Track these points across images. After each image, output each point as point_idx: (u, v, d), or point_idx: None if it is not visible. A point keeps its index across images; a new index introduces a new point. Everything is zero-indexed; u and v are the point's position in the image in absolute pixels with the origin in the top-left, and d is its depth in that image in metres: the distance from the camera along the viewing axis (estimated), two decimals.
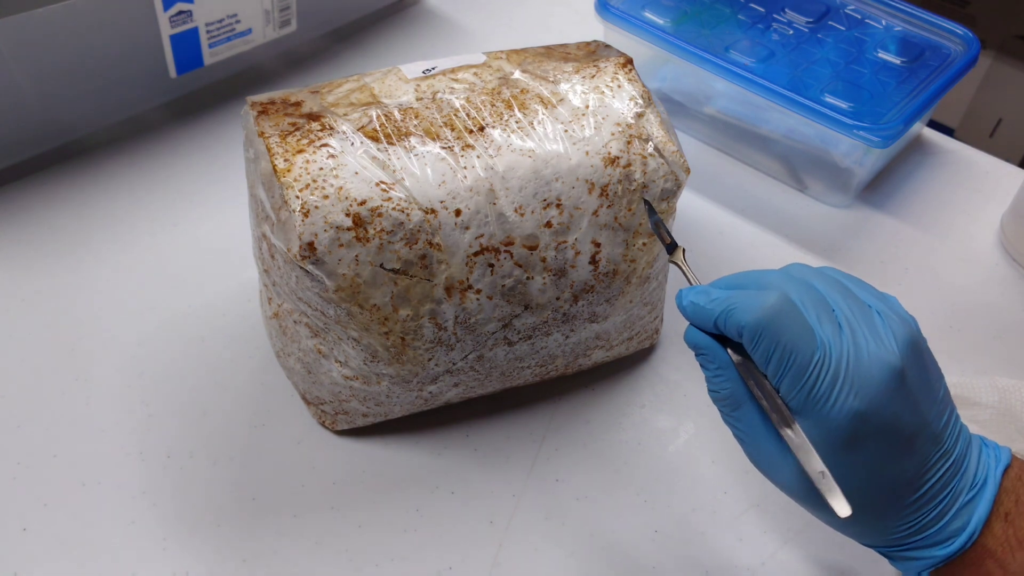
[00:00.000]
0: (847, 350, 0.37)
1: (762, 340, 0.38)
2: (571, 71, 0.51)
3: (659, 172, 0.49)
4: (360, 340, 0.47)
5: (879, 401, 0.37)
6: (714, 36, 0.72)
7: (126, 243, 0.63)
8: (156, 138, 0.71)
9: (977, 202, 0.73)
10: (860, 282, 0.41)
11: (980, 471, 0.39)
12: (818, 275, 0.40)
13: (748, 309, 0.38)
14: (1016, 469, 0.40)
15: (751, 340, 0.38)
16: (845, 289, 0.40)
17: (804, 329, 0.37)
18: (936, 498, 0.38)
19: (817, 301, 0.39)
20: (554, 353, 0.52)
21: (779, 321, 0.37)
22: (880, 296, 0.40)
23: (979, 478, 0.39)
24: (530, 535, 0.50)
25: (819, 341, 0.37)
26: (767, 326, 0.37)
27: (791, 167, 0.73)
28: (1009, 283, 0.67)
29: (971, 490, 0.39)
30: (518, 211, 0.46)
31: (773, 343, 0.37)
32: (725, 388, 0.40)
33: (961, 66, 0.70)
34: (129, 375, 0.55)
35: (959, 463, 0.39)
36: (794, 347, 0.37)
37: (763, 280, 0.40)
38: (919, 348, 0.38)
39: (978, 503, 0.38)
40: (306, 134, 0.46)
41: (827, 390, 0.37)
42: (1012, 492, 0.39)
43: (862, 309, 0.39)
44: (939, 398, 0.39)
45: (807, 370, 0.37)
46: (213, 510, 0.50)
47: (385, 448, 0.53)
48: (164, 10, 0.65)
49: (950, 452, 0.38)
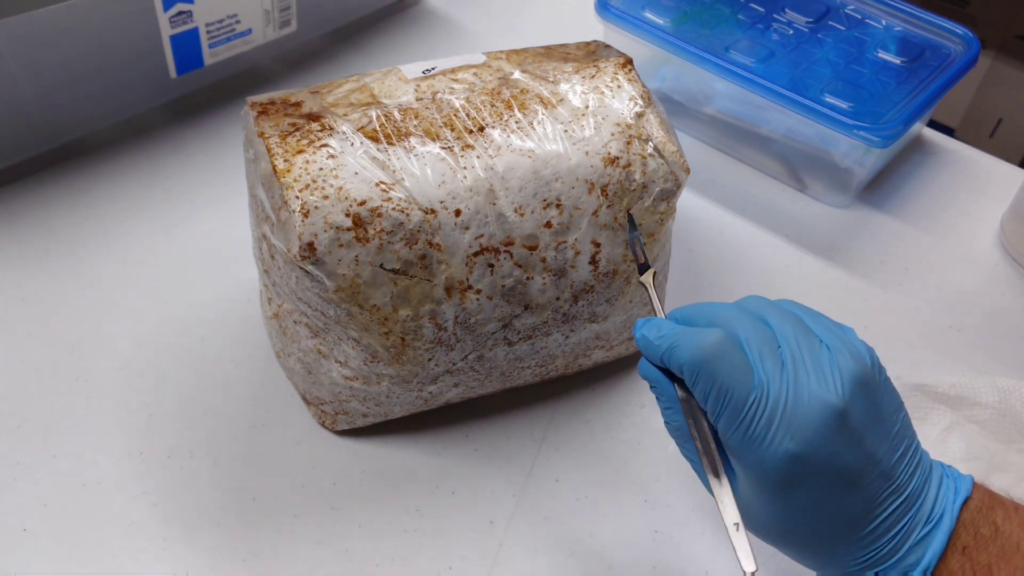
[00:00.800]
0: (786, 390, 0.37)
1: (700, 379, 0.38)
2: (571, 71, 0.51)
3: (659, 172, 0.49)
4: (360, 340, 0.47)
5: (817, 442, 0.36)
6: (714, 36, 0.72)
7: (126, 243, 0.63)
8: (156, 138, 0.71)
9: (977, 202, 0.73)
10: (817, 315, 0.40)
11: (938, 504, 0.38)
12: (773, 309, 0.40)
13: (688, 347, 0.38)
14: (977, 500, 0.39)
15: (690, 378, 0.38)
16: (798, 324, 0.39)
17: (741, 369, 0.37)
18: (888, 533, 0.38)
19: (764, 338, 0.38)
20: (554, 353, 0.52)
21: (716, 360, 0.37)
22: (836, 329, 0.39)
23: (936, 512, 0.38)
24: (530, 535, 0.50)
25: (757, 381, 0.37)
26: (704, 365, 0.38)
27: (791, 167, 0.73)
28: (1009, 283, 0.67)
29: (927, 524, 0.38)
30: (518, 211, 0.46)
31: (710, 382, 0.37)
32: (675, 421, 0.40)
33: (961, 66, 0.70)
34: (129, 375, 0.55)
35: (914, 497, 0.38)
36: (730, 387, 0.37)
37: (713, 315, 0.40)
38: (868, 384, 0.38)
39: (933, 538, 0.38)
40: (306, 134, 0.46)
41: (763, 431, 0.37)
42: (971, 525, 0.38)
43: (811, 345, 0.38)
44: (894, 432, 0.38)
45: (742, 410, 0.37)
46: (213, 510, 0.50)
47: (385, 448, 0.53)
48: (164, 10, 0.65)
49: (903, 487, 0.38)
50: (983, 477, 0.53)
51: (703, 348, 0.38)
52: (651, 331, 0.40)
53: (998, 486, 0.53)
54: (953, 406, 0.56)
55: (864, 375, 0.37)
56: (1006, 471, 0.53)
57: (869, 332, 0.62)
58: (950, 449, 0.54)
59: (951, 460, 0.53)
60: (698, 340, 0.38)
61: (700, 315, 0.40)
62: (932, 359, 0.61)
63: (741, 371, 0.37)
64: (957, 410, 0.56)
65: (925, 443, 0.54)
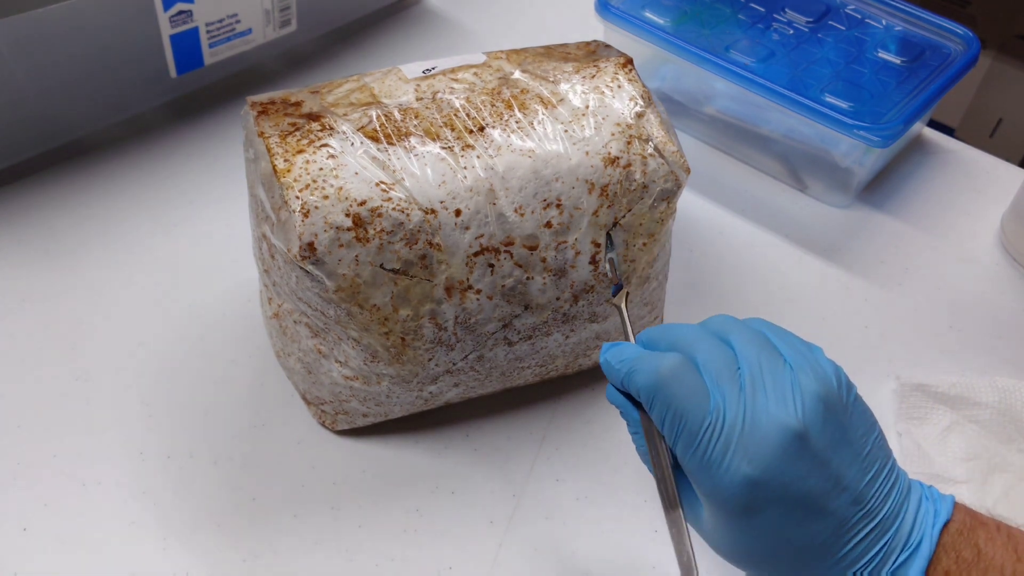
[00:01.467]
0: (743, 413, 0.36)
1: (656, 403, 0.38)
2: (571, 71, 0.51)
3: (659, 172, 0.49)
4: (360, 340, 0.47)
5: (776, 466, 0.35)
6: (714, 36, 0.72)
7: (126, 243, 0.63)
8: (156, 138, 0.71)
9: (977, 202, 0.73)
10: (785, 334, 0.40)
11: (917, 528, 0.37)
12: (738, 329, 0.39)
13: (644, 372, 0.38)
14: (958, 522, 0.37)
15: (647, 403, 0.38)
16: (763, 344, 0.38)
17: (696, 393, 0.37)
18: (863, 558, 0.36)
19: (723, 360, 0.38)
20: (554, 353, 0.52)
21: (671, 385, 0.37)
22: (802, 349, 0.39)
23: (915, 536, 0.37)
24: (530, 535, 0.50)
25: (712, 405, 0.36)
26: (660, 389, 0.37)
27: (791, 167, 0.73)
28: (1009, 283, 0.67)
29: (905, 549, 0.36)
30: (518, 211, 0.46)
31: (665, 407, 0.37)
32: (642, 446, 0.40)
33: (961, 66, 0.70)
34: (129, 375, 0.55)
35: (889, 521, 0.37)
36: (685, 411, 0.37)
37: (675, 338, 0.39)
38: (833, 404, 0.37)
39: (912, 563, 0.36)
40: (306, 134, 0.46)
41: (719, 455, 0.36)
42: (952, 549, 0.37)
43: (773, 365, 0.37)
44: (864, 454, 0.37)
45: (698, 434, 0.36)
46: (213, 510, 0.50)
47: (385, 448, 0.53)
48: (164, 10, 0.65)
49: (876, 511, 0.36)
50: (983, 477, 0.53)
51: (658, 373, 0.37)
52: (614, 355, 0.40)
53: (998, 486, 0.53)
54: (953, 406, 0.56)
55: (828, 395, 0.37)
56: (1006, 471, 0.53)
57: (869, 332, 0.62)
58: (950, 449, 0.54)
59: (951, 460, 0.53)
60: (654, 365, 0.38)
61: (663, 338, 0.40)
62: (932, 359, 0.61)
63: (696, 395, 0.37)
64: (957, 410, 0.56)
65: (925, 443, 0.55)
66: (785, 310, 0.63)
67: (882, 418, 0.57)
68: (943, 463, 0.53)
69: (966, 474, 0.53)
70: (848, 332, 0.62)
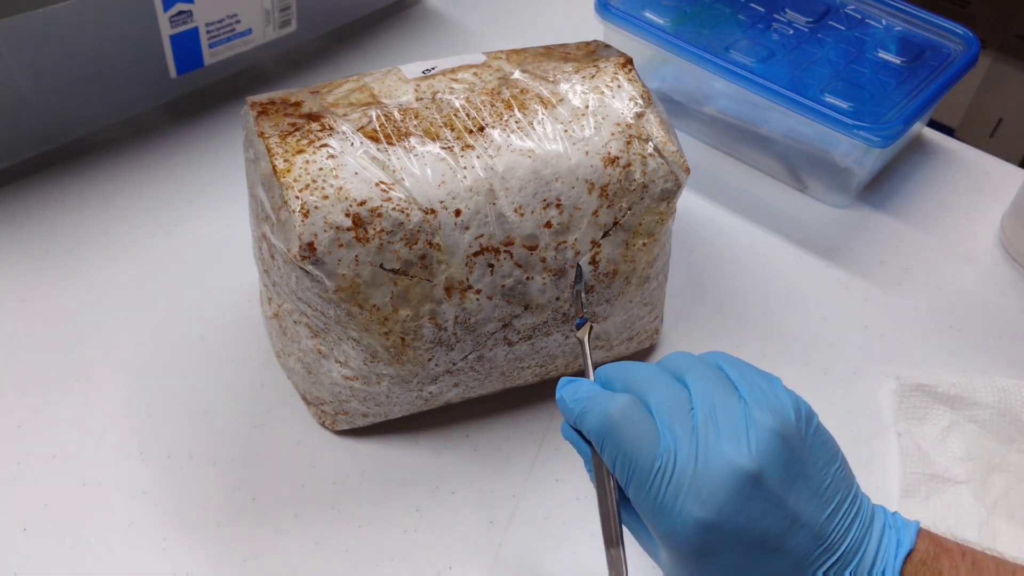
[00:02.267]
0: (694, 455, 0.35)
1: (606, 446, 0.37)
2: (571, 71, 0.51)
3: (659, 172, 0.49)
4: (360, 340, 0.47)
5: (730, 508, 0.35)
6: (714, 36, 0.72)
7: (126, 243, 0.63)
8: (156, 138, 0.71)
9: (977, 202, 0.73)
10: (743, 368, 0.39)
11: (879, 560, 0.36)
12: (694, 367, 0.39)
13: (595, 413, 0.38)
14: (921, 551, 0.37)
15: (598, 445, 0.38)
16: (718, 381, 0.38)
17: (646, 435, 0.36)
18: None
19: (676, 401, 0.37)
20: (554, 353, 0.52)
21: (621, 427, 0.37)
22: (760, 382, 0.38)
23: (877, 568, 0.36)
24: (530, 535, 0.50)
25: (663, 447, 0.36)
26: (609, 432, 0.37)
27: (791, 167, 0.73)
28: (1009, 283, 0.67)
29: None
30: (518, 211, 0.46)
31: (615, 449, 0.37)
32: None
33: (961, 66, 0.70)
34: (129, 375, 0.55)
35: (850, 555, 0.36)
36: (635, 454, 0.36)
37: (630, 378, 0.39)
38: (789, 440, 0.36)
39: None
40: (306, 134, 0.46)
41: (671, 499, 0.35)
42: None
43: (728, 404, 0.37)
44: (823, 488, 0.36)
45: (648, 478, 0.36)
46: (213, 510, 0.50)
47: (385, 448, 0.53)
48: (164, 10, 0.65)
49: (836, 545, 0.36)
50: (983, 477, 0.53)
51: (608, 415, 0.37)
52: (569, 393, 0.40)
53: (998, 486, 0.53)
54: (953, 406, 0.56)
55: (784, 430, 0.36)
56: (1006, 471, 0.53)
57: (869, 332, 0.62)
58: (950, 449, 0.54)
59: (951, 460, 0.54)
60: (605, 406, 0.37)
61: (620, 377, 0.39)
62: (932, 359, 0.61)
63: (646, 438, 0.36)
64: (957, 410, 0.56)
65: (925, 443, 0.55)
66: (785, 310, 0.63)
67: (882, 418, 0.57)
68: (943, 463, 0.53)
69: (966, 474, 0.53)
70: (848, 332, 0.62)
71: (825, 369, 0.60)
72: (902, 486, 0.53)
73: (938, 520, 0.51)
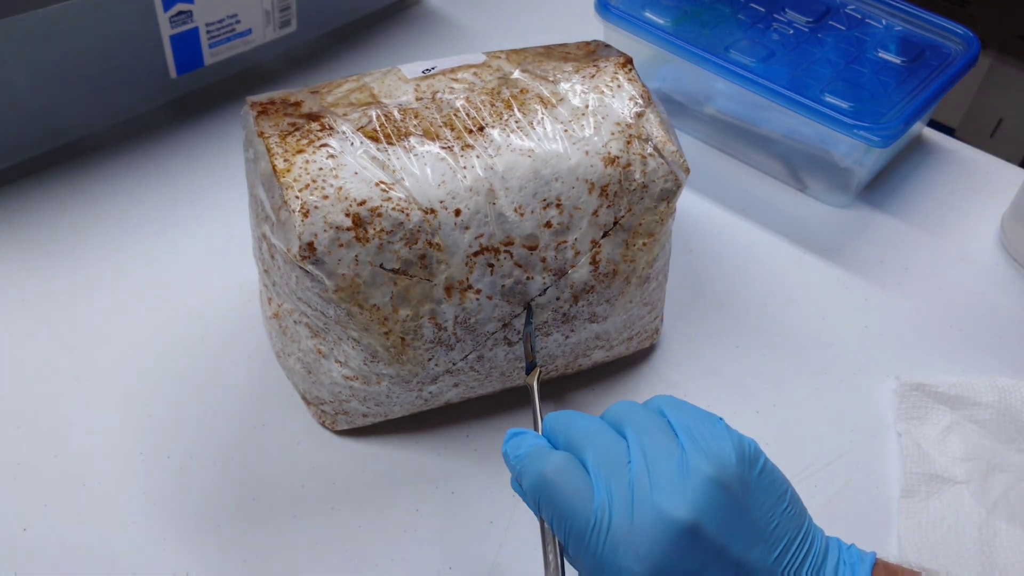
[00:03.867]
0: (630, 510, 0.35)
1: (542, 505, 0.37)
2: (571, 71, 0.51)
3: (659, 172, 0.49)
4: (360, 340, 0.47)
5: (667, 563, 0.34)
6: (714, 36, 0.72)
7: (126, 243, 0.63)
8: (156, 138, 0.71)
9: (977, 202, 0.73)
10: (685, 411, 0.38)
11: None
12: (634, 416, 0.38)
13: (530, 473, 0.37)
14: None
15: (535, 505, 0.38)
16: (657, 430, 0.37)
17: (580, 494, 0.36)
18: None
19: (613, 456, 0.36)
20: (554, 353, 0.52)
21: (554, 486, 0.36)
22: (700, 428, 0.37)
23: None
24: (530, 535, 0.50)
25: (597, 504, 0.35)
26: (544, 491, 0.37)
27: (791, 167, 0.73)
28: (1009, 283, 0.67)
29: None
30: (518, 211, 0.46)
31: (550, 508, 0.36)
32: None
33: (961, 66, 0.70)
34: (129, 375, 0.55)
35: None
36: (569, 512, 0.36)
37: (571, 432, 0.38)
38: (729, 485, 0.35)
39: None
40: (306, 134, 0.46)
41: (610, 555, 0.34)
42: None
43: (666, 454, 0.36)
44: (770, 530, 0.35)
45: (585, 536, 0.35)
46: (213, 510, 0.50)
47: (385, 448, 0.53)
48: (164, 10, 0.65)
49: None
50: (983, 477, 0.53)
51: (542, 475, 0.37)
52: (512, 447, 0.39)
53: (998, 486, 0.53)
54: (953, 406, 0.56)
55: (722, 476, 0.35)
56: (1006, 471, 0.53)
57: (869, 332, 0.62)
58: (950, 449, 0.54)
59: (951, 460, 0.54)
60: (539, 466, 0.37)
61: (561, 431, 0.39)
62: (932, 359, 0.61)
63: (580, 496, 0.36)
64: (957, 410, 0.56)
65: (925, 443, 0.55)
66: (785, 310, 0.63)
67: (882, 418, 0.57)
68: (943, 463, 0.53)
69: (966, 474, 0.53)
70: (848, 332, 0.62)
71: (825, 369, 0.60)
72: (902, 486, 0.53)
73: (938, 520, 0.51)
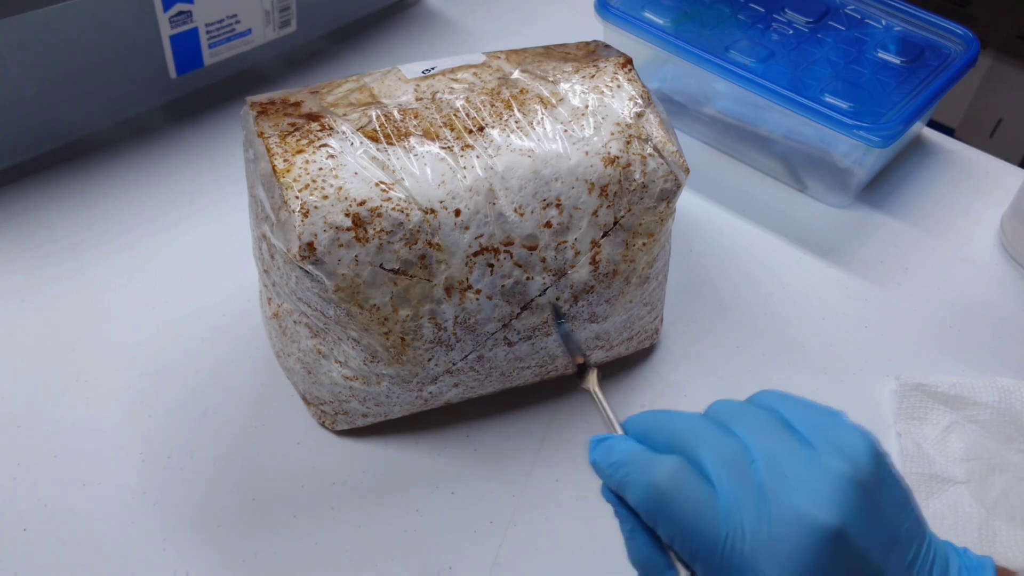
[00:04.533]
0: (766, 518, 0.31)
1: (659, 522, 0.33)
2: (571, 71, 0.51)
3: (658, 172, 0.49)
4: (360, 340, 0.47)
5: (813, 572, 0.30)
6: (714, 36, 0.72)
7: (126, 243, 0.63)
8: (156, 138, 0.71)
9: (977, 202, 0.73)
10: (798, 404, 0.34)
11: None
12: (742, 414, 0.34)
13: (639, 484, 0.33)
14: None
15: (650, 521, 0.33)
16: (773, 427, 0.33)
17: (704, 505, 0.32)
18: None
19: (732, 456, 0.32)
20: (554, 353, 0.52)
21: (673, 499, 0.32)
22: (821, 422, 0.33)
23: None
24: (530, 535, 0.50)
25: (726, 514, 0.31)
26: (660, 506, 0.32)
27: (791, 167, 0.73)
28: (1009, 283, 0.67)
29: None
30: (518, 211, 0.46)
31: (671, 525, 0.32)
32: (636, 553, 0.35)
33: (961, 66, 0.70)
34: (129, 375, 0.55)
35: None
36: (695, 527, 0.31)
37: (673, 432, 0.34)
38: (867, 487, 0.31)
39: None
40: (305, 134, 0.46)
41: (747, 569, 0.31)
42: None
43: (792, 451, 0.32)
44: (902, 534, 0.32)
45: (716, 553, 0.31)
46: (213, 510, 0.50)
47: (385, 448, 0.53)
48: (164, 10, 0.65)
49: None
50: (983, 477, 0.53)
51: (655, 486, 0.32)
52: (603, 456, 0.35)
53: (998, 486, 0.53)
54: (953, 406, 0.56)
55: (859, 476, 0.32)
56: (1006, 471, 0.53)
57: (869, 332, 0.62)
58: (950, 449, 0.54)
59: (951, 460, 0.53)
60: (649, 476, 0.33)
61: (659, 431, 0.35)
62: (932, 359, 0.61)
63: (705, 508, 0.32)
64: (957, 410, 0.56)
65: (925, 443, 0.55)
66: (785, 310, 0.63)
67: (882, 418, 0.57)
68: (943, 463, 0.53)
69: (966, 474, 0.53)
70: (848, 332, 0.62)
71: (825, 369, 0.60)
72: None
73: (938, 520, 0.51)
